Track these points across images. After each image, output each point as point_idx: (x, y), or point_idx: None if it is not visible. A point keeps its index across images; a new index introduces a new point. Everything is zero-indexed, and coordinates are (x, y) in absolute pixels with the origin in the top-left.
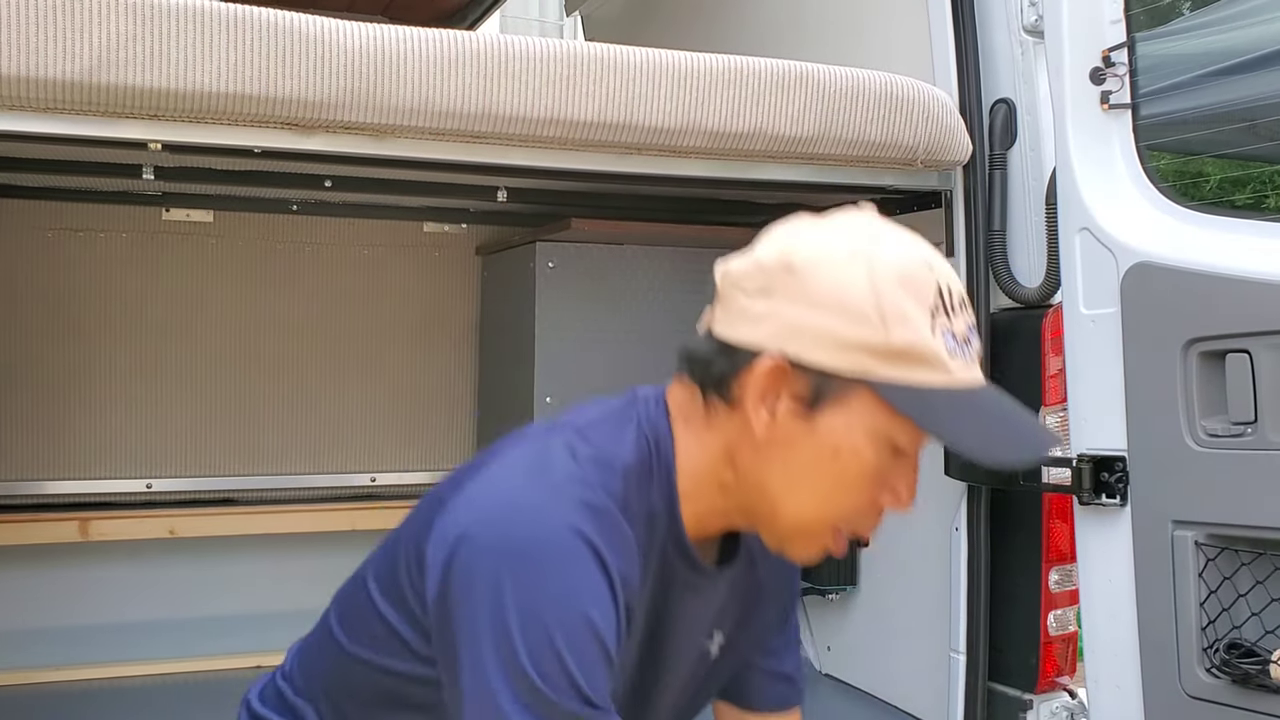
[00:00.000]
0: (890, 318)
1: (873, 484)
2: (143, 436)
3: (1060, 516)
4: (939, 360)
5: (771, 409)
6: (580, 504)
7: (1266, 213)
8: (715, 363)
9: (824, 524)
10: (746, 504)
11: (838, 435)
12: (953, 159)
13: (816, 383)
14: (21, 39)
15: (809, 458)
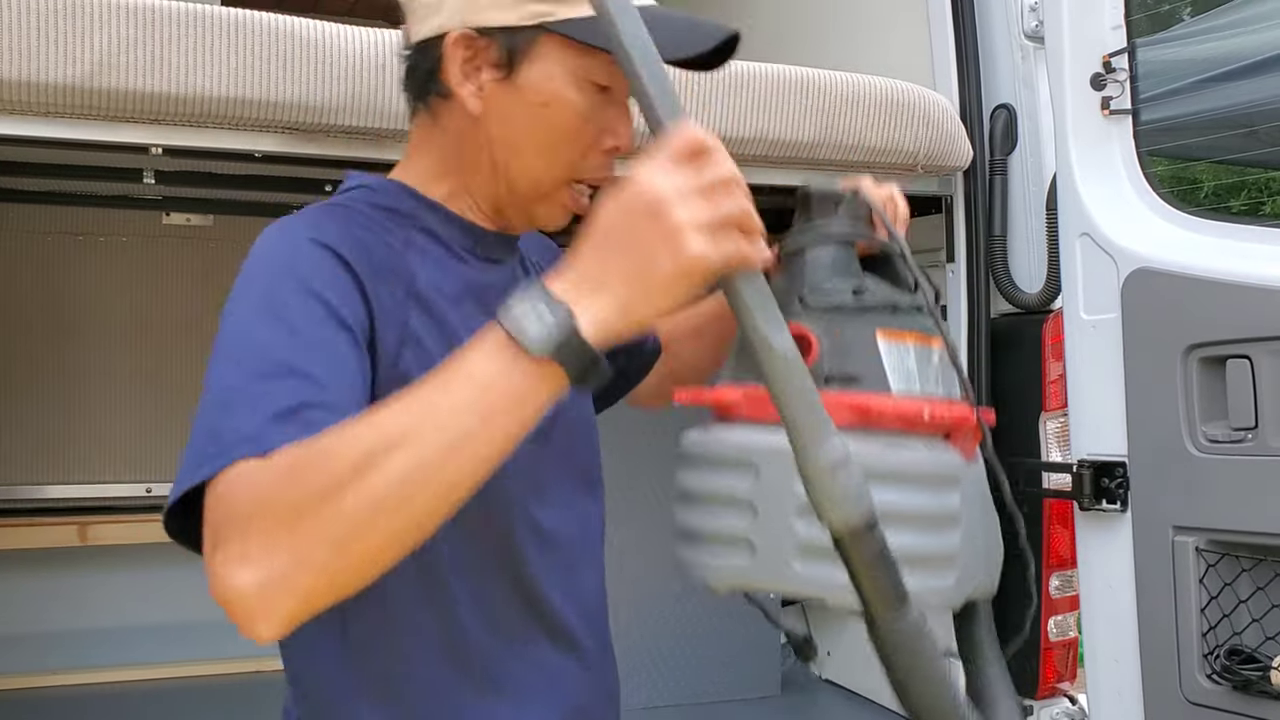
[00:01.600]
0: None
1: (588, 129)
2: (142, 441)
3: (1061, 522)
4: None
5: (476, 83)
6: (313, 222)
7: (1264, 218)
8: (417, 65)
9: (556, 180)
10: (489, 189)
11: (541, 86)
12: (953, 164)
13: (506, 44)
14: (22, 43)
15: (524, 118)
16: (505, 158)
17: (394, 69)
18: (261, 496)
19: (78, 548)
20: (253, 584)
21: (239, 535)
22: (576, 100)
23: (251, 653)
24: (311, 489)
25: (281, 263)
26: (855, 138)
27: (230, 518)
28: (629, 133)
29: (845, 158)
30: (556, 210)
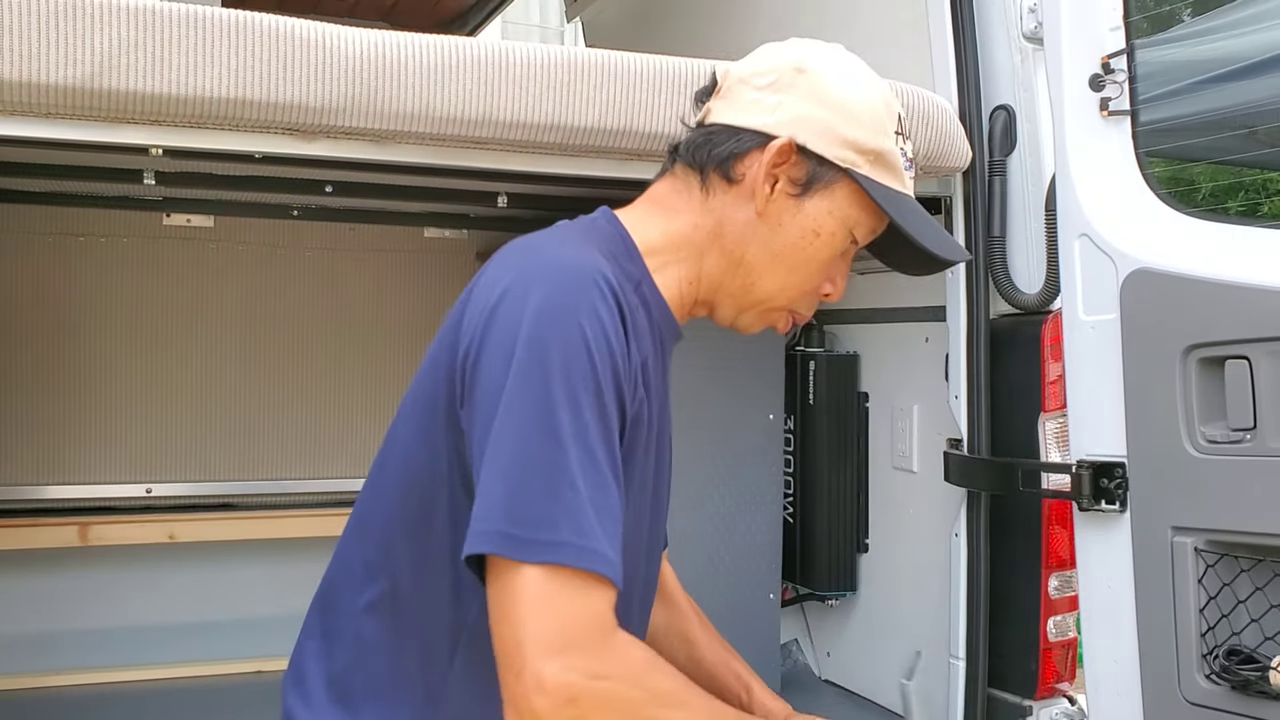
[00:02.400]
0: (878, 126)
1: (828, 271)
2: (142, 441)
3: (1060, 522)
4: (900, 171)
5: (772, 186)
6: (600, 261)
7: (1262, 219)
8: (721, 144)
9: (786, 299)
10: (720, 278)
11: (821, 218)
12: (952, 165)
13: (813, 169)
14: (24, 44)
15: (793, 235)
16: (759, 261)
17: (394, 70)
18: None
19: (78, 548)
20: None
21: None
22: (839, 241)
23: (252, 653)
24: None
25: (576, 345)
26: None
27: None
28: (843, 287)
29: None
30: (763, 323)
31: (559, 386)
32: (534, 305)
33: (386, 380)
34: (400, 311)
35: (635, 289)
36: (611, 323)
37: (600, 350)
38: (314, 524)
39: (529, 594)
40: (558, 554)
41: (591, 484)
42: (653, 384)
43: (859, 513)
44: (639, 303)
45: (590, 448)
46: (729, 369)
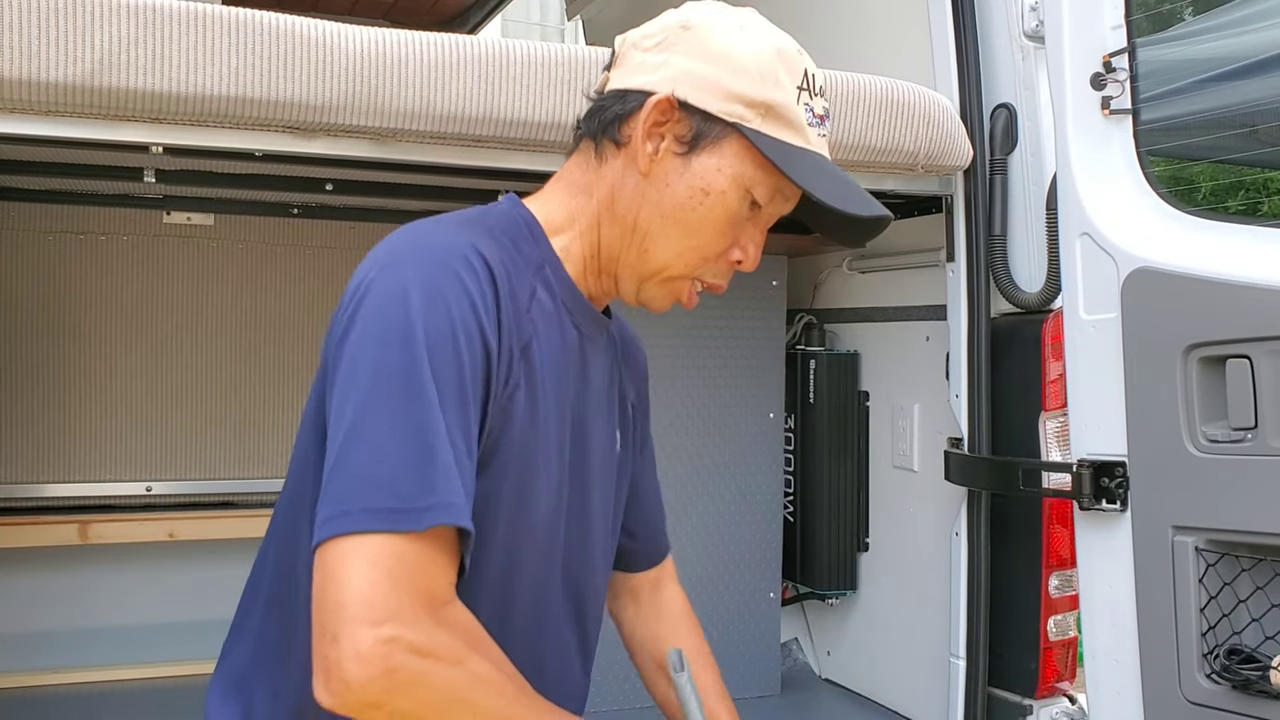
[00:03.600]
0: (768, 78)
1: (729, 233)
2: (142, 439)
3: (1060, 522)
4: (800, 126)
5: (656, 145)
6: (480, 236)
7: (1263, 218)
8: (610, 107)
9: (684, 266)
10: (617, 247)
11: (709, 176)
12: (954, 164)
13: (697, 125)
14: (24, 42)
15: (682, 195)
16: (649, 223)
17: (395, 68)
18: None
19: (78, 546)
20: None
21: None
22: (732, 202)
23: None
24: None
25: (428, 305)
26: (856, 137)
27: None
28: (756, 256)
29: (846, 157)
30: (667, 296)
31: (423, 369)
32: (399, 285)
33: None
34: None
35: (537, 273)
36: (480, 296)
37: (465, 329)
38: None
39: (355, 558)
40: (391, 521)
41: (442, 447)
42: (548, 367)
43: (859, 512)
44: (540, 284)
45: (451, 421)
46: (729, 368)
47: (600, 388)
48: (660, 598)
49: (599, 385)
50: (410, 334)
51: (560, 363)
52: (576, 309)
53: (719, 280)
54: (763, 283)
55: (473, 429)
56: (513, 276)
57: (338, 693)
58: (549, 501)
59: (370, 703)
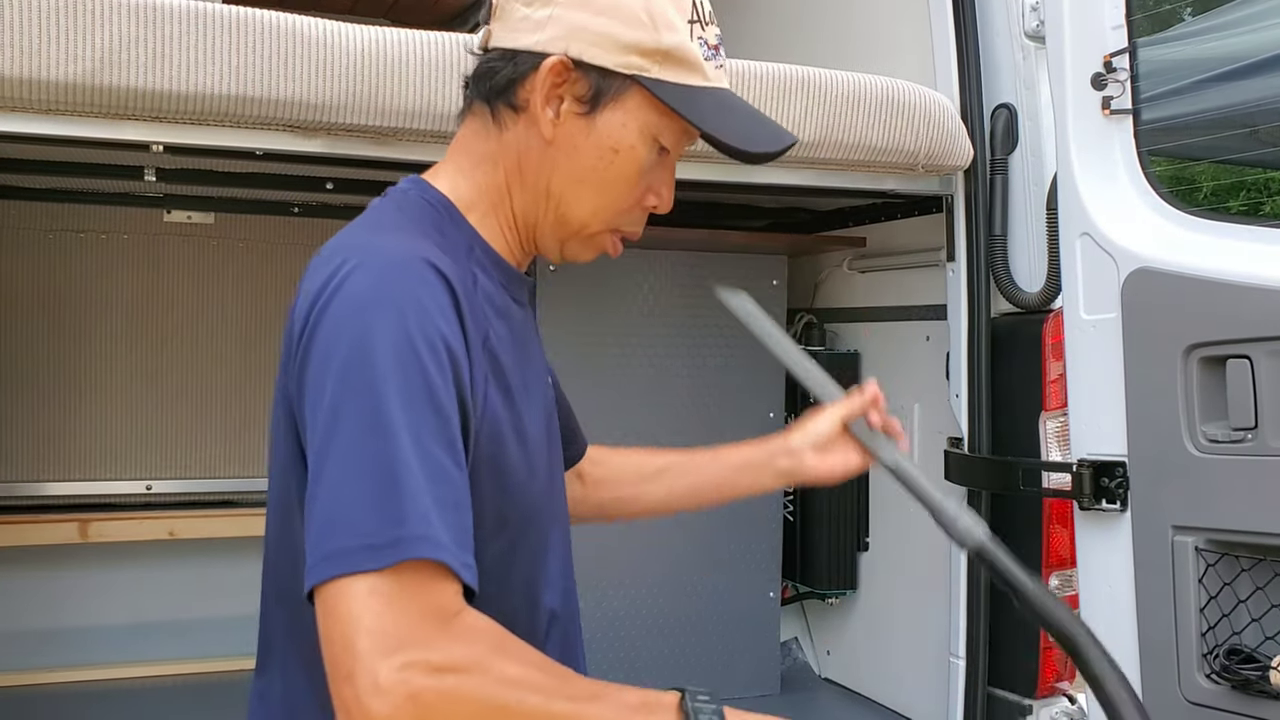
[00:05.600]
0: (660, 22)
1: (640, 184)
2: (143, 438)
3: (1060, 521)
4: (698, 64)
5: (556, 109)
6: (420, 240)
7: (1263, 218)
8: (500, 70)
9: (603, 222)
10: (533, 214)
11: (616, 133)
12: (954, 164)
13: (596, 83)
14: (24, 41)
15: (590, 156)
16: (562, 188)
17: (395, 67)
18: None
19: (78, 545)
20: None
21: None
22: (642, 153)
23: (252, 650)
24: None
25: (398, 331)
26: (857, 137)
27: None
28: (670, 196)
29: (847, 157)
30: (591, 250)
31: (387, 389)
32: (354, 306)
33: None
34: None
35: (469, 256)
36: (439, 309)
37: (429, 343)
38: None
39: (359, 596)
40: (386, 555)
41: (427, 477)
42: (506, 350)
43: (859, 511)
44: (477, 268)
45: (424, 443)
46: (729, 367)
47: (537, 348)
48: (601, 463)
49: (536, 346)
50: (368, 364)
51: (516, 340)
52: (511, 282)
53: (636, 227)
54: (763, 283)
55: (457, 439)
56: (456, 271)
57: None
58: (542, 480)
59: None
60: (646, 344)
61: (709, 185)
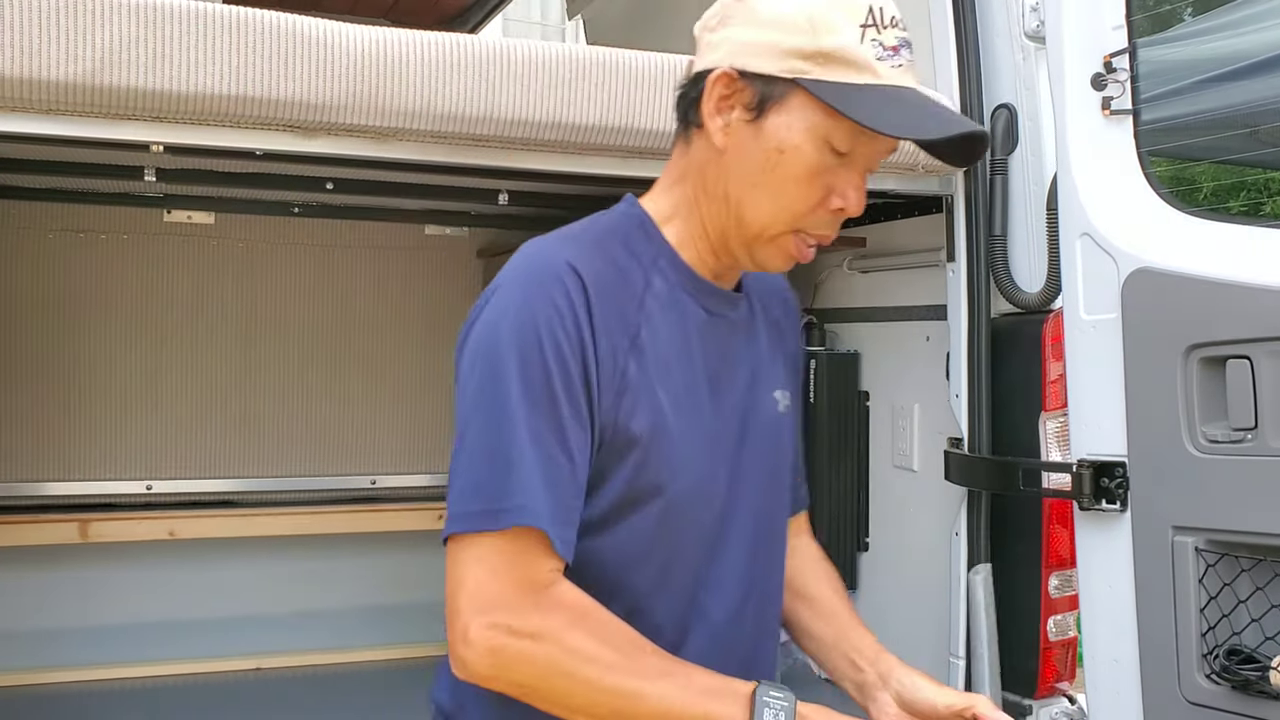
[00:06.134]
0: (820, 27)
1: (818, 183)
2: (143, 438)
3: (1060, 522)
4: (866, 64)
5: (726, 119)
6: (582, 247)
7: (1264, 218)
8: (687, 93)
9: (782, 224)
10: (719, 222)
11: (781, 134)
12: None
13: (761, 90)
14: (24, 40)
15: (760, 159)
16: (739, 193)
17: (396, 67)
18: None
19: (78, 545)
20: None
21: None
22: (810, 154)
23: (252, 650)
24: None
25: (520, 336)
26: None
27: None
28: (858, 199)
29: None
30: (778, 255)
31: (510, 386)
32: (495, 310)
33: (387, 377)
34: (401, 308)
35: (652, 265)
36: (565, 310)
37: (553, 343)
38: (314, 521)
39: (469, 560)
40: (497, 520)
41: (538, 461)
42: (665, 345)
43: (859, 511)
44: (657, 275)
45: (538, 433)
46: None
47: (745, 357)
48: (795, 544)
49: (745, 355)
50: (499, 359)
51: (683, 343)
52: (699, 291)
53: (825, 230)
54: None
55: (571, 432)
56: (619, 276)
57: (459, 670)
58: (698, 474)
59: (484, 677)
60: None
61: None
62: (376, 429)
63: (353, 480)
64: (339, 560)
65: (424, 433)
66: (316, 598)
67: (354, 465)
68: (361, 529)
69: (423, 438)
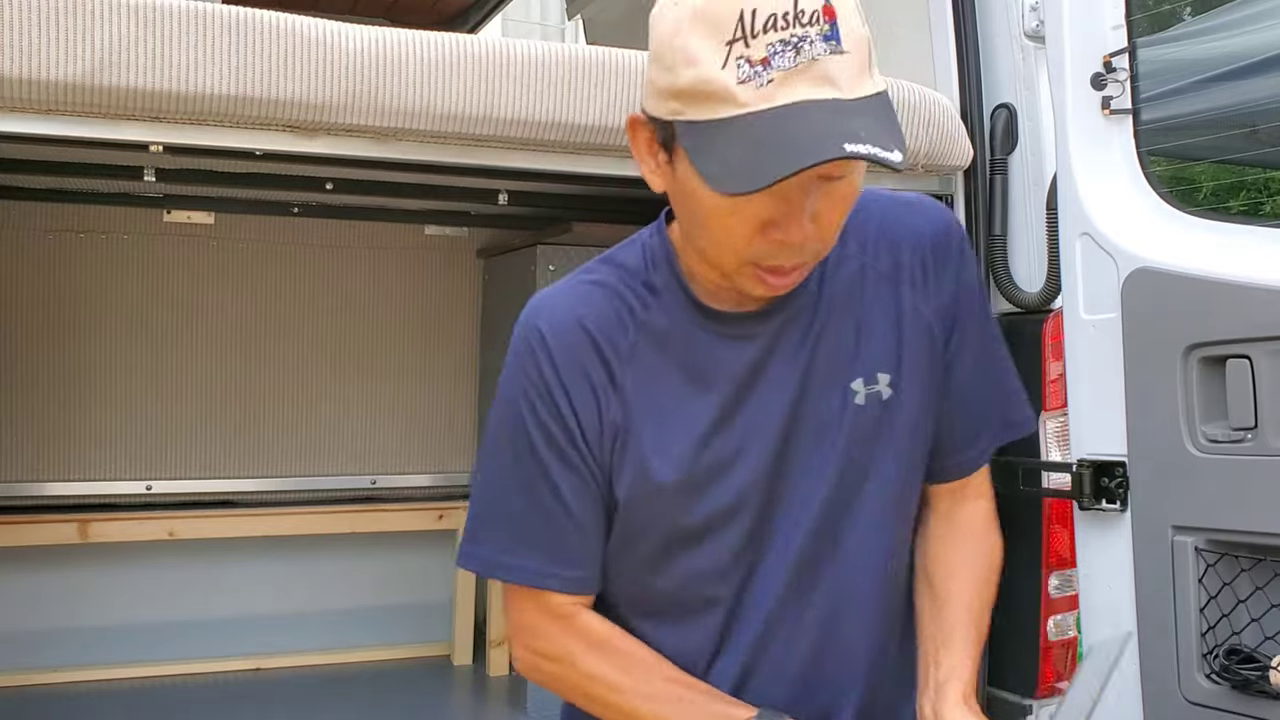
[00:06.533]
0: (679, 60)
1: (741, 220)
2: (142, 438)
3: (1060, 521)
4: (727, 93)
5: (651, 164)
6: (588, 289)
7: (1264, 218)
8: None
9: (730, 261)
10: (699, 256)
11: (685, 178)
12: (954, 164)
13: (661, 134)
14: (24, 41)
15: (684, 203)
16: (689, 232)
17: (395, 67)
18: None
19: (78, 545)
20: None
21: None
22: (705, 196)
23: (251, 651)
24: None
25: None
26: None
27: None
28: (796, 227)
29: None
30: (750, 285)
31: (505, 446)
32: (501, 378)
33: (386, 377)
34: (400, 308)
35: (665, 288)
36: (538, 379)
37: (529, 409)
38: (314, 521)
39: (508, 593)
40: (491, 570)
41: (527, 517)
42: (656, 378)
43: None
44: (660, 314)
45: (530, 486)
46: None
47: (789, 367)
48: (955, 513)
49: (787, 365)
50: (498, 425)
51: (685, 376)
52: (707, 319)
53: (778, 260)
54: None
55: (565, 484)
56: (606, 322)
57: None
58: (704, 509)
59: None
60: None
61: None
62: (376, 429)
63: (353, 480)
64: (339, 560)
65: (424, 433)
66: (316, 598)
67: (353, 465)
68: (361, 529)
69: (423, 438)
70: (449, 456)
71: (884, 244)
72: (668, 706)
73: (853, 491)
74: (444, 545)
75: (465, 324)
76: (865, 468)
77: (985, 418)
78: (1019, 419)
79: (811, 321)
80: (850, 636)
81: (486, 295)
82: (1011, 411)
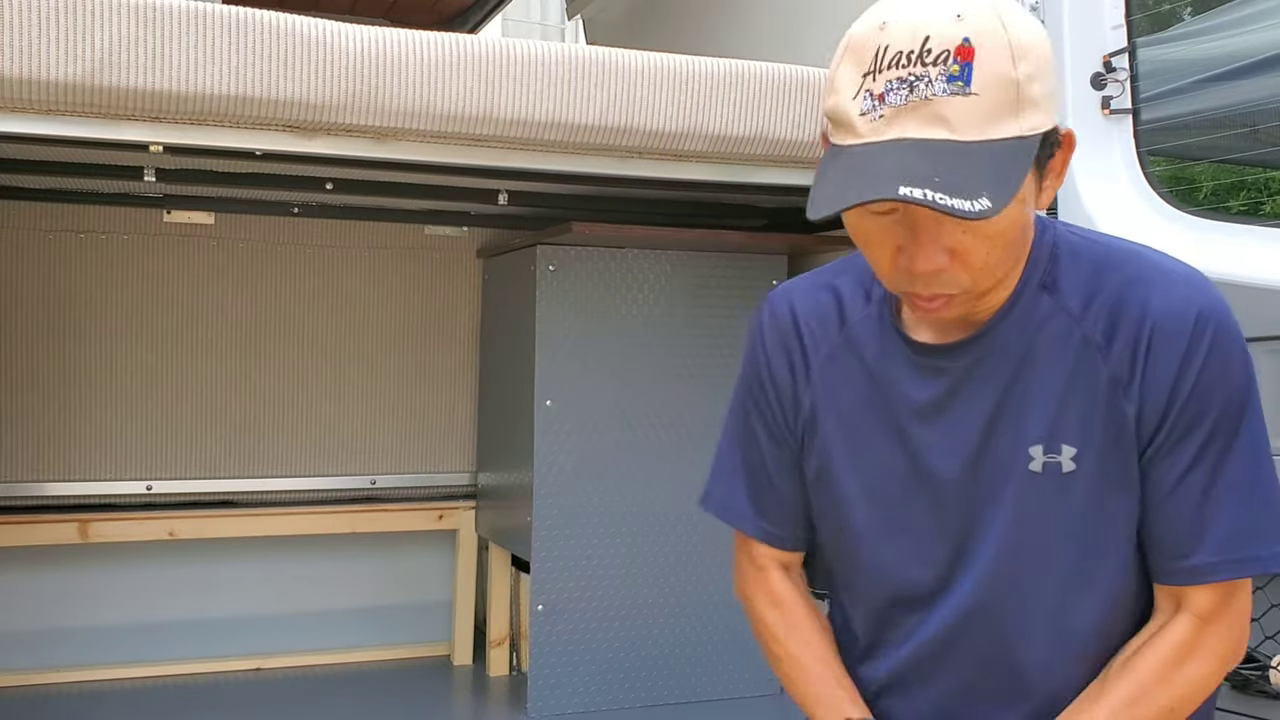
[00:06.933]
0: (830, 85)
1: (881, 246)
2: (143, 438)
3: None
4: (849, 122)
5: None
6: (800, 285)
7: (1263, 218)
8: None
9: (888, 284)
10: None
11: None
12: None
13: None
14: (24, 41)
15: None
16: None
17: (395, 67)
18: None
19: (79, 545)
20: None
21: None
22: (854, 221)
23: (252, 651)
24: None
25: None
26: None
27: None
28: (924, 257)
29: None
30: (906, 303)
31: (737, 402)
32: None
33: (387, 377)
34: (400, 309)
35: (864, 296)
36: (773, 347)
37: (756, 377)
38: (314, 522)
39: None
40: (705, 500)
41: (743, 467)
42: (835, 390)
43: None
44: (863, 309)
45: (741, 439)
46: (730, 367)
47: (976, 407)
48: (1157, 623)
49: (974, 406)
50: (736, 385)
51: (883, 389)
52: (909, 344)
53: (910, 288)
54: (763, 283)
55: (766, 448)
56: (822, 318)
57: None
58: (873, 519)
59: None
60: (647, 342)
61: (709, 185)
62: (376, 429)
63: (353, 480)
64: (339, 560)
65: (424, 433)
66: (316, 598)
67: (354, 465)
68: (362, 529)
69: (423, 438)
70: (449, 456)
71: (1106, 309)
72: (800, 675)
73: (1032, 555)
74: (444, 545)
75: (465, 324)
76: (1035, 540)
77: (1164, 548)
78: (1195, 566)
79: (1002, 369)
80: (995, 701)
81: (486, 295)
82: (1197, 554)
